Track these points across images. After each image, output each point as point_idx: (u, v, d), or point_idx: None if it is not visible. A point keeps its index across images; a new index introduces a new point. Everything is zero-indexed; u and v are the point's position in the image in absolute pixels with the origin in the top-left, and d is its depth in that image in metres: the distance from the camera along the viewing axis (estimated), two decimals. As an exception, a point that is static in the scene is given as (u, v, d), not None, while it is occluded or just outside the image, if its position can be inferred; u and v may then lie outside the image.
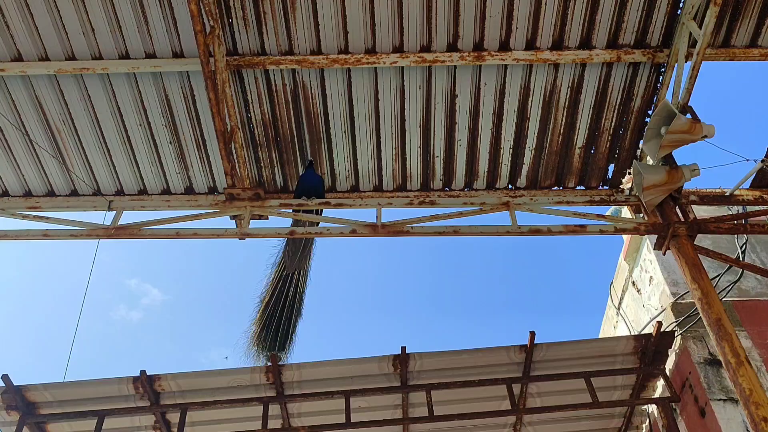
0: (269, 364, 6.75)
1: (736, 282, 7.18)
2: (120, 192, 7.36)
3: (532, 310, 24.58)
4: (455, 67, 6.56)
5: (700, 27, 5.94)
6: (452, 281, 26.00)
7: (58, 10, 6.11)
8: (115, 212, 6.96)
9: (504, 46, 6.45)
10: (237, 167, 6.88)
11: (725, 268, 7.20)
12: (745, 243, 7.59)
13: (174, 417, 6.88)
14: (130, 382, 6.69)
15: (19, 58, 6.41)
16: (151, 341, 25.31)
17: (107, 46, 6.36)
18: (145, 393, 6.72)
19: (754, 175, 6.93)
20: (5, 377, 6.39)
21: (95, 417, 6.66)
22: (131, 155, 7.10)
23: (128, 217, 6.95)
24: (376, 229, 6.43)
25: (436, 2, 6.15)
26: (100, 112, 6.79)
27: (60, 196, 7.34)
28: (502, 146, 7.08)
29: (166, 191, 7.38)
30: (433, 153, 7.14)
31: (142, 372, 6.61)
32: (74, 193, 7.34)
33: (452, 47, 6.44)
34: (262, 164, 7.21)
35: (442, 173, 7.29)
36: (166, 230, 6.51)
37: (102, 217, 7.01)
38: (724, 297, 6.98)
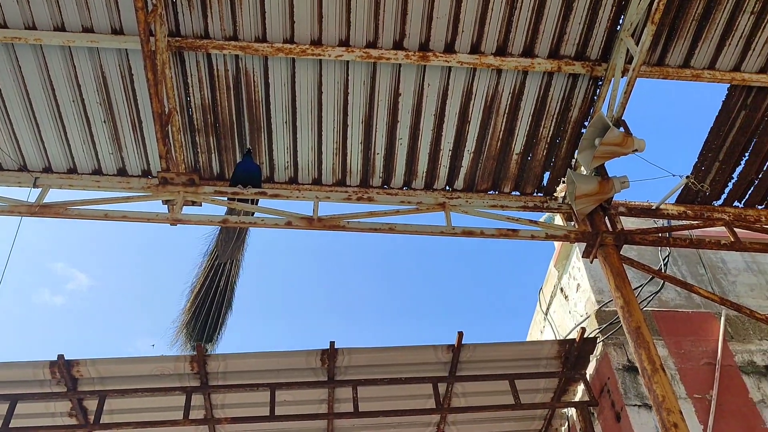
0: (195, 353, 6.63)
1: (657, 293, 7.46)
2: (48, 169, 7.08)
3: (463, 311, 24.96)
4: (400, 65, 6.58)
5: (637, 44, 6.13)
6: (385, 280, 26.16)
7: (-9, -25, 5.84)
8: (41, 189, 6.70)
9: (449, 48, 6.50)
10: (173, 151, 6.72)
11: (648, 278, 7.47)
12: (668, 256, 7.90)
13: (91, 404, 6.69)
14: (46, 367, 6.46)
15: (-55, 21, 6.09)
16: (74, 327, 24.51)
17: (42, 16, 6.10)
18: (62, 378, 6.51)
19: (679, 190, 7.22)
20: None
21: (7, 401, 6.41)
22: (62, 132, 6.84)
23: (55, 196, 6.71)
24: (311, 222, 6.38)
25: (385, -1, 6.16)
26: (31, 85, 6.52)
27: (-18, 169, 7.01)
28: (442, 147, 7.14)
29: (98, 171, 7.14)
30: (374, 150, 7.14)
31: (60, 356, 6.40)
32: (-2, 167, 7.03)
33: (398, 45, 6.46)
34: (199, 149, 7.06)
35: (382, 170, 7.30)
36: (94, 211, 6.29)
37: (27, 194, 6.74)
38: (645, 307, 7.25)
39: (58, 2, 6.03)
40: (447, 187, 7.42)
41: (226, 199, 6.67)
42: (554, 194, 7.41)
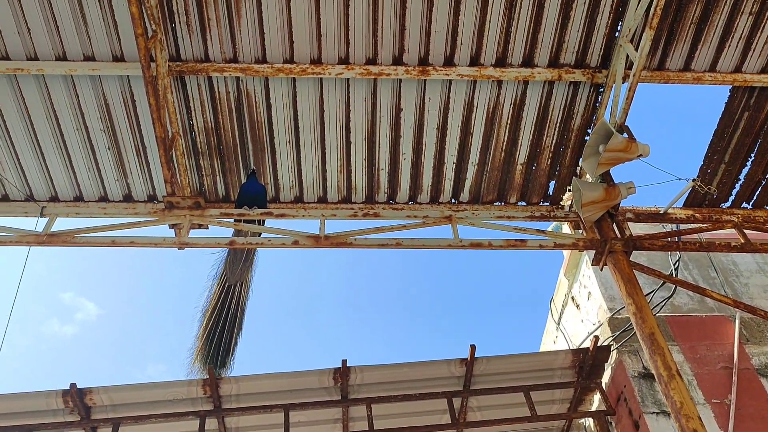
0: (207, 377, 6.60)
1: (669, 298, 7.39)
2: (54, 198, 7.11)
3: (474, 323, 24.82)
4: (401, 80, 6.60)
5: (636, 49, 6.12)
6: (396, 291, 26.08)
7: (-8, 9, 5.90)
8: (47, 219, 6.72)
9: (449, 62, 6.52)
10: (177, 175, 6.74)
11: (659, 284, 7.40)
12: (678, 260, 7.84)
13: (105, 432, 6.64)
14: (59, 396, 6.44)
15: (-51, 56, 6.15)
16: (85, 357, 24.49)
17: (43, 46, 6.16)
18: (75, 407, 6.48)
19: (686, 194, 7.18)
20: None
21: (21, 432, 6.38)
22: (67, 160, 6.88)
23: (62, 224, 6.73)
24: (318, 240, 6.37)
25: (383, 15, 6.18)
26: (35, 115, 6.56)
27: (-11, 201, 7.05)
28: (445, 161, 7.13)
29: (104, 198, 7.17)
30: (378, 165, 7.15)
31: (72, 385, 6.37)
32: (5, 198, 7.06)
33: (398, 61, 6.48)
34: (203, 172, 7.08)
35: (386, 186, 7.29)
36: (102, 238, 6.30)
37: (34, 224, 6.76)
38: (657, 312, 7.19)
39: (59, 32, 6.09)
40: (453, 200, 7.40)
41: (232, 220, 6.68)
42: (561, 203, 7.38)
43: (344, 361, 6.66)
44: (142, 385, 6.65)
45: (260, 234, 6.58)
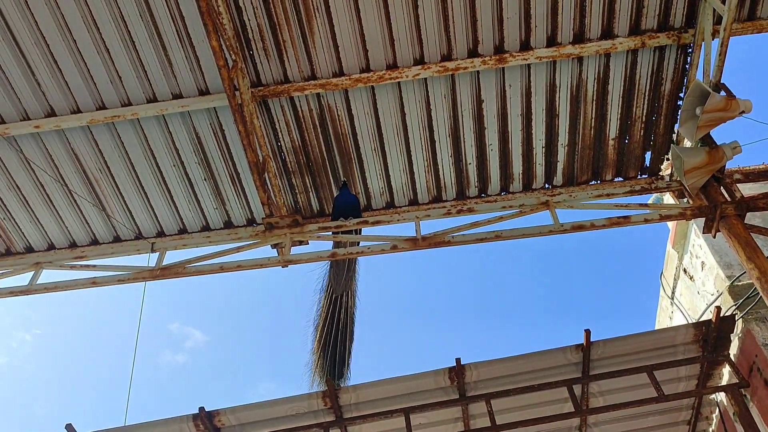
0: (325, 389, 6.72)
1: (792, 258, 6.93)
2: (161, 233, 7.46)
3: (581, 310, 24.23)
4: (478, 72, 6.54)
5: (723, 2, 5.82)
6: (497, 286, 25.81)
7: (85, 62, 6.26)
8: (158, 253, 7.05)
9: (525, 46, 6.41)
10: (273, 196, 6.93)
11: (779, 244, 6.97)
12: (797, 216, 7.35)
13: (239, 451, 6.87)
14: (190, 420, 6.71)
15: (52, 113, 6.57)
16: (199, 382, 25.58)
17: (135, 91, 6.49)
18: (206, 429, 6.73)
19: (798, 145, 6.74)
20: (69, 426, 6.47)
21: (159, 459, 6.69)
22: (168, 196, 7.21)
23: (171, 257, 7.04)
24: (416, 242, 6.39)
25: (453, 10, 6.15)
26: (134, 157, 6.91)
27: (103, 243, 7.48)
28: (534, 146, 7.00)
29: (206, 228, 7.47)
30: (465, 160, 7.10)
31: (201, 409, 6.63)
32: (117, 239, 7.47)
33: (473, 53, 6.42)
34: (296, 190, 7.25)
35: (476, 180, 7.24)
36: (210, 266, 6.56)
37: (146, 260, 7.13)
38: (782, 274, 6.75)
39: (147, 75, 6.39)
40: (546, 185, 7.26)
41: (330, 233, 6.79)
42: (660, 173, 7.10)
43: (458, 360, 6.62)
44: (264, 402, 6.84)
45: (359, 243, 6.67)
